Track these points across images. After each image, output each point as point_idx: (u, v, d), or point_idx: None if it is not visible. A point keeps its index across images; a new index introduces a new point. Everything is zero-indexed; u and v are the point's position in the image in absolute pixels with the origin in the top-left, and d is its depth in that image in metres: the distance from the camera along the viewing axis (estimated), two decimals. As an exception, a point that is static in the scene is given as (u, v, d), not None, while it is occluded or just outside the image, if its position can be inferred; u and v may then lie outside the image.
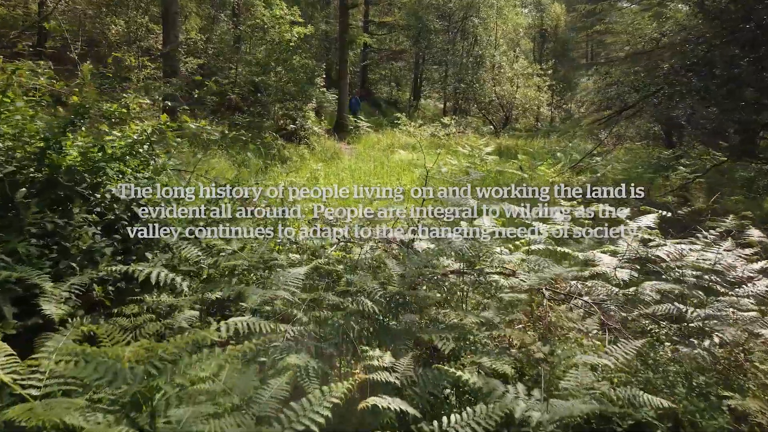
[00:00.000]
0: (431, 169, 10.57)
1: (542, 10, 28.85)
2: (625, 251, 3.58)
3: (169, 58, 13.39)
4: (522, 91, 21.98)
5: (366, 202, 6.94)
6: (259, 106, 16.22)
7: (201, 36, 16.78)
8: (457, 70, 24.08)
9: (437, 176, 9.97)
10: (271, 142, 11.01)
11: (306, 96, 16.31)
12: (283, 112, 16.65)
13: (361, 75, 32.09)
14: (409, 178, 9.68)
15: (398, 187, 8.96)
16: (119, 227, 2.87)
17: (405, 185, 8.94)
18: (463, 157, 12.91)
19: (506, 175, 11.22)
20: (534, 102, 21.98)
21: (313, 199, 5.08)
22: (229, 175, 8.88)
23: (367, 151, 14.59)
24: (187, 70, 16.51)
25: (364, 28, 27.15)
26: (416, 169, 10.92)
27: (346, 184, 8.70)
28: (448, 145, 14.67)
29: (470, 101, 26.92)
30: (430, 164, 11.83)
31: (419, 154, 12.76)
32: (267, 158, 12.13)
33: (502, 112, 23.11)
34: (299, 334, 2.53)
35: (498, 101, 22.65)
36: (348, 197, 7.98)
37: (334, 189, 7.63)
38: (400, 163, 11.42)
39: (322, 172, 9.16)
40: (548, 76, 22.35)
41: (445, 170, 10.23)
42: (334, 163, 11.33)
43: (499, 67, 22.48)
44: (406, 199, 8.82)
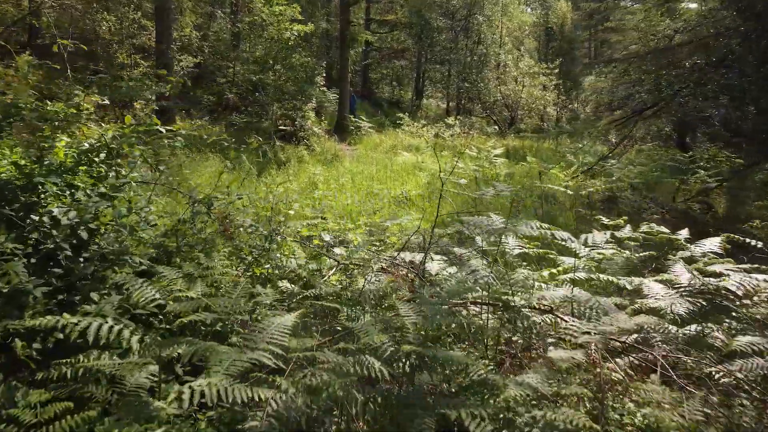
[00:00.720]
0: (437, 172, 9.94)
1: (548, 7, 28.19)
2: (684, 281, 2.95)
3: (162, 56, 12.79)
4: (528, 91, 21.33)
5: (368, 214, 6.29)
6: (257, 105, 15.62)
7: (196, 33, 16.17)
8: (460, 69, 23.45)
9: (447, 181, 9.35)
10: (259, 146, 10.34)
11: (306, 95, 15.69)
12: (282, 112, 16.05)
13: (363, 74, 31.46)
14: (414, 183, 9.06)
15: (402, 191, 8.33)
16: (61, 258, 2.26)
17: (410, 191, 8.32)
18: (471, 159, 12.29)
19: (516, 179, 10.59)
20: (540, 102, 21.34)
21: (307, 216, 4.42)
22: (219, 182, 8.27)
23: (369, 153, 13.97)
24: (182, 69, 15.91)
25: (365, 26, 26.54)
26: (421, 173, 10.30)
27: (347, 189, 8.09)
28: (454, 147, 14.05)
29: (474, 101, 26.29)
30: (436, 167, 11.20)
31: (424, 156, 12.13)
32: (263, 160, 11.53)
33: (507, 112, 22.47)
34: (285, 408, 1.91)
35: (503, 101, 22.01)
36: (349, 206, 7.36)
37: (334, 196, 7.01)
38: (404, 166, 10.81)
39: (321, 177, 8.55)
40: (554, 75, 21.70)
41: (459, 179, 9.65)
42: (335, 167, 10.71)
43: (504, 65, 21.83)
44: (410, 206, 8.18)
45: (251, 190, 6.90)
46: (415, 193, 8.15)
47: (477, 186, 9.77)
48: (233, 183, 4.43)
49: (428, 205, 7.79)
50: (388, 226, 4.95)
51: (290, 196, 7.44)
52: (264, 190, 6.59)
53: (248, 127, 15.38)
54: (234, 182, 4.58)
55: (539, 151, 15.33)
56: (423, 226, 6.86)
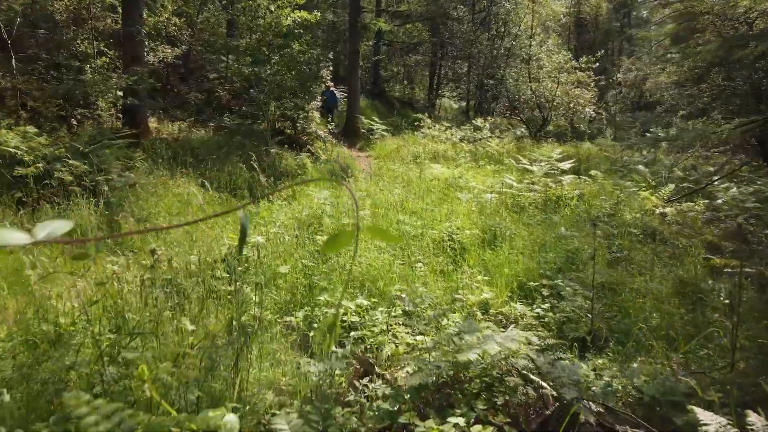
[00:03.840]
0: (482, 193, 7.20)
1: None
2: None
3: (129, 41, 10.24)
4: (563, 88, 18.59)
5: (407, 279, 3.77)
6: (252, 105, 12.99)
7: (177, 18, 13.55)
8: (487, 63, 20.72)
9: (503, 208, 6.50)
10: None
11: (309, 92, 13.04)
12: (281, 112, 13.40)
13: (373, 72, 28.82)
14: (460, 213, 6.37)
15: (448, 231, 5.63)
16: None
17: (460, 229, 5.63)
18: (517, 172, 9.59)
19: (588, 201, 7.86)
20: (579, 100, 18.58)
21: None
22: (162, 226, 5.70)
23: (387, 162, 11.30)
24: (161, 60, 13.31)
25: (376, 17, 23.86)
26: (461, 193, 7.61)
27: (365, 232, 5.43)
28: (493, 155, 11.33)
29: (499, 100, 23.54)
30: (479, 183, 8.49)
31: (460, 168, 9.43)
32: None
33: (539, 111, 19.72)
34: None
35: (535, 100, 19.27)
36: (374, 267, 4.62)
37: (353, 254, 4.36)
38: (437, 184, 8.13)
39: (328, 206, 5.88)
40: (593, 70, 18.93)
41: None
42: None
43: (537, 59, 19.08)
44: (466, 257, 5.48)
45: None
46: (468, 232, 5.47)
47: (544, 211, 7.08)
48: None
49: (491, 255, 5.11)
50: (468, 353, 2.32)
51: (283, 242, 4.78)
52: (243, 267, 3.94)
53: (240, 131, 12.77)
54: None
55: (592, 159, 12.58)
56: (499, 298, 4.18)
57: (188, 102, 15.78)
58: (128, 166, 7.97)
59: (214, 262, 4.05)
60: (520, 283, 4.65)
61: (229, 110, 15.83)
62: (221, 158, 9.90)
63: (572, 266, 5.29)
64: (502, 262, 4.91)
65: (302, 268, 4.09)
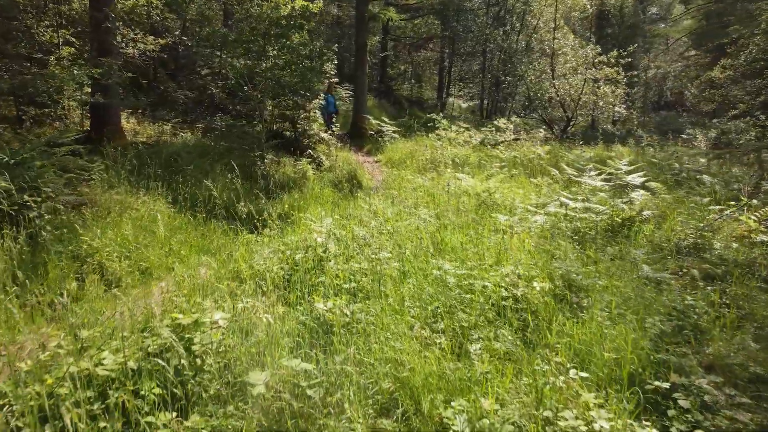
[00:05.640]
0: (530, 215, 5.56)
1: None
2: None
3: (97, 29, 8.62)
4: (590, 85, 16.86)
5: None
6: (247, 103, 11.35)
7: (160, 2, 11.89)
8: (506, 58, 18.99)
9: (561, 235, 4.70)
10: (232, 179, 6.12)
11: (311, 89, 11.37)
12: (279, 112, 11.76)
13: (380, 69, 27.15)
14: (516, 246, 4.67)
15: (510, 284, 3.93)
16: None
17: (525, 277, 3.96)
18: (561, 183, 7.90)
19: (666, 227, 6.18)
20: (608, 98, 16.83)
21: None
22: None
23: (400, 170, 9.63)
24: (145, 53, 11.69)
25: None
26: (505, 215, 5.92)
27: (384, 282, 3.72)
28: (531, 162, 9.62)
29: (513, 98, 21.81)
30: (519, 198, 6.84)
31: (494, 179, 7.74)
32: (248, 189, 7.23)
33: (562, 111, 17.99)
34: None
35: (558, 99, 17.54)
36: (411, 372, 2.69)
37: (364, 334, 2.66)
38: (470, 202, 6.44)
39: (332, 243, 4.20)
40: (621, 66, 17.16)
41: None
42: (356, 207, 6.33)
43: (561, 53, 17.35)
44: (546, 331, 3.55)
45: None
46: (538, 286, 3.77)
47: (614, 239, 5.37)
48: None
49: (575, 324, 3.44)
50: None
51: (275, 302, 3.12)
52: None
53: (231, 133, 11.14)
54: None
55: (635, 166, 10.84)
56: (617, 419, 2.50)
57: (176, 101, 14.17)
58: (81, 179, 6.33)
59: (146, 355, 2.41)
60: (631, 376, 2.98)
61: (222, 110, 14.21)
62: (204, 167, 8.26)
63: (680, 333, 3.61)
64: (593, 338, 3.23)
65: (290, 375, 2.41)
